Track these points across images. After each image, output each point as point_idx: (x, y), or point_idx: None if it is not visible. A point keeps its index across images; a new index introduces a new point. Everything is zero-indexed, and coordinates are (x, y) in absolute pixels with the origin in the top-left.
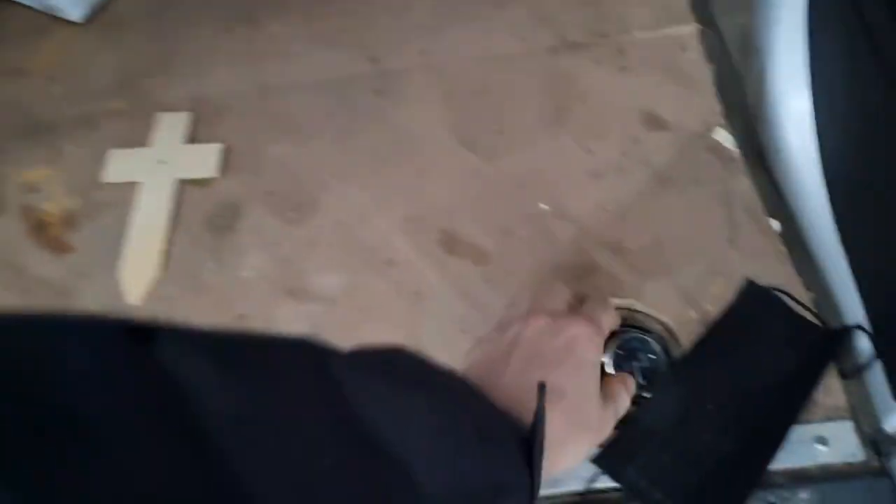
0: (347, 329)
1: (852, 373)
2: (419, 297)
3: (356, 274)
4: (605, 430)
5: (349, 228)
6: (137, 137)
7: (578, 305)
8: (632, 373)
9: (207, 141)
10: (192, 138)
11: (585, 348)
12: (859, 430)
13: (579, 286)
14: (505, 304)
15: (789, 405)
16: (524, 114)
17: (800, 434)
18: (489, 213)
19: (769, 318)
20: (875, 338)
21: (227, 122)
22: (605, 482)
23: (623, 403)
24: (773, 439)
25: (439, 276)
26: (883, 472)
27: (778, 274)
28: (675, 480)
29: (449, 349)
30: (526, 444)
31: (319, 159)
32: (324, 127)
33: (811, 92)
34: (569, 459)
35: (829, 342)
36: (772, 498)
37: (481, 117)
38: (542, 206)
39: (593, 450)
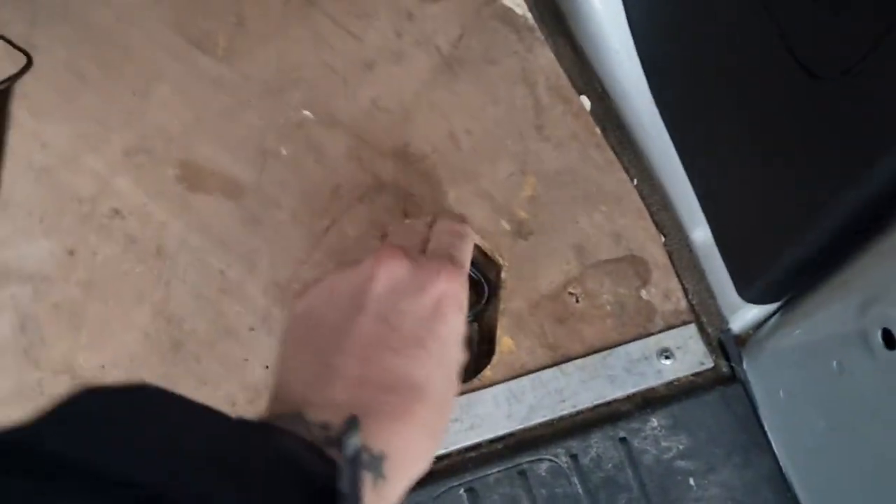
0: (69, 313)
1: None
2: (161, 254)
3: (70, 235)
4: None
5: (50, 175)
6: None
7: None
8: None
9: None
10: None
11: (454, 314)
12: (704, 333)
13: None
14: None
15: None
16: None
17: (642, 350)
18: (237, 132)
19: None
20: (714, 229)
21: None
22: None
23: None
24: None
25: (184, 224)
26: (734, 378)
27: (597, 163)
28: None
29: (209, 318)
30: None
31: None
32: None
33: None
34: (419, 473)
35: None
36: (622, 433)
37: (212, 6)
38: (305, 112)
39: None
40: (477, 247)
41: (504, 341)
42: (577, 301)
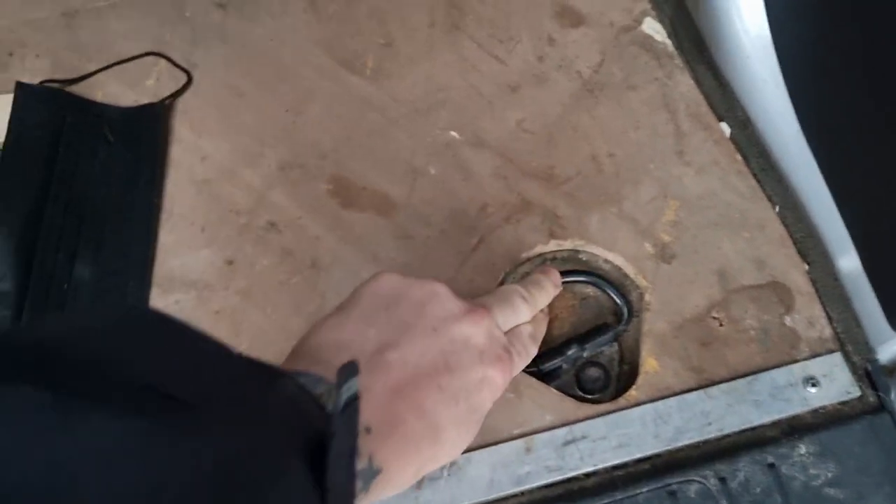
0: (230, 320)
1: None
2: (316, 267)
3: (229, 246)
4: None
5: (210, 188)
6: None
7: None
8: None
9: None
10: None
11: (488, 396)
12: (850, 362)
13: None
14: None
15: (135, 199)
16: (413, 17)
17: (787, 377)
18: (387, 150)
19: (64, 121)
20: (864, 258)
21: (24, 62)
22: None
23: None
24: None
25: (337, 238)
26: (881, 408)
27: (739, 189)
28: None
29: None
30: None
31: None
32: (154, 59)
33: None
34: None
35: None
36: (770, 458)
37: (360, 27)
38: (452, 133)
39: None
40: (618, 268)
41: (649, 362)
42: (721, 325)
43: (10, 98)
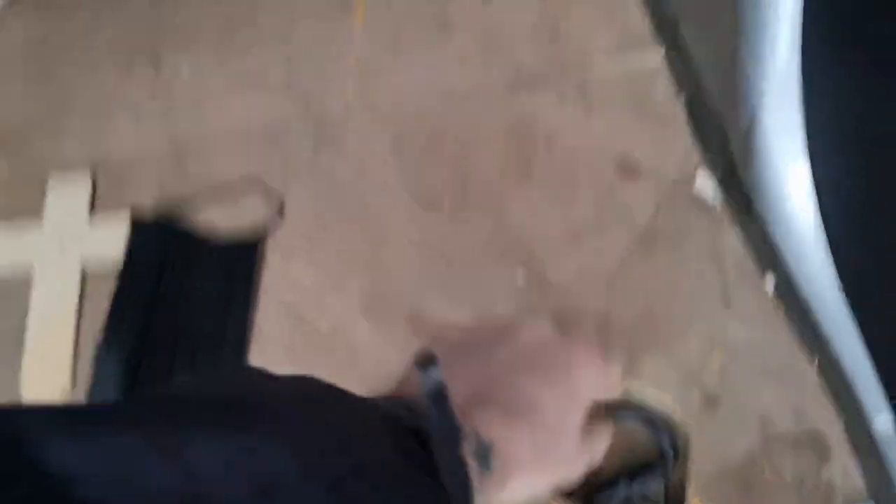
0: None
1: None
2: None
3: (314, 367)
4: (575, 472)
5: (298, 312)
6: (24, 210)
7: None
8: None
9: (114, 211)
10: (95, 208)
11: (586, 384)
12: None
13: None
14: None
15: (229, 323)
16: (487, 163)
17: None
18: (464, 288)
19: (170, 251)
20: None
21: (136, 187)
22: None
23: (600, 449)
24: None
25: None
26: None
27: (781, 341)
28: None
29: None
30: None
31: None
32: (252, 190)
33: (805, 134)
34: (523, 489)
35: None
36: None
37: (439, 169)
38: (520, 274)
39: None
40: (667, 411)
41: (694, 503)
42: (762, 473)
43: (124, 222)
